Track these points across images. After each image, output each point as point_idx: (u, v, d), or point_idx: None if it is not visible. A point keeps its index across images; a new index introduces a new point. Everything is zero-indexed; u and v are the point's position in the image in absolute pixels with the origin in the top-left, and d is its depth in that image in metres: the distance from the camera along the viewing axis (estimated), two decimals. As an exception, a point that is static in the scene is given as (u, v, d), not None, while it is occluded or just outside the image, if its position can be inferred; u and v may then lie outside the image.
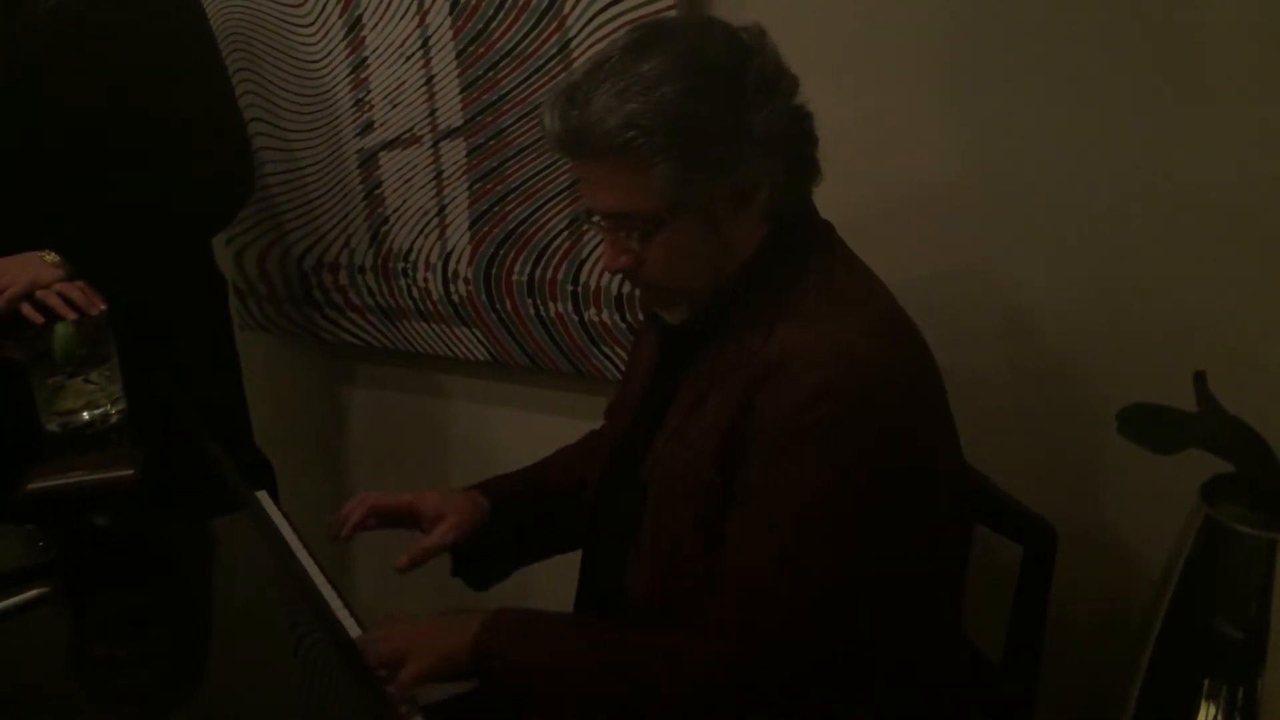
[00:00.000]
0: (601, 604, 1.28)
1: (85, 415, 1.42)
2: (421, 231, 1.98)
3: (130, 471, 1.29)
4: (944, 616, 1.19)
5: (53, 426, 1.41)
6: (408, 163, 1.96)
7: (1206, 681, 1.12)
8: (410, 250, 2.01)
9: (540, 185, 1.81)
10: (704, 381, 1.15)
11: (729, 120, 1.07)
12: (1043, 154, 1.39)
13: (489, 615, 1.15)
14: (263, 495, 1.44)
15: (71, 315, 1.53)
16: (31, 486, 1.27)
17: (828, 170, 1.15)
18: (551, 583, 1.45)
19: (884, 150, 1.50)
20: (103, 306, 1.57)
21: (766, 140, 1.08)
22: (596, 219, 1.14)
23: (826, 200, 1.18)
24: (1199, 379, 1.15)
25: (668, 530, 1.15)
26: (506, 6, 1.73)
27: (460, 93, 1.84)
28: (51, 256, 1.62)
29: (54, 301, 1.56)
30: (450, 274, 1.97)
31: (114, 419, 1.43)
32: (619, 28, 1.63)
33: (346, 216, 2.07)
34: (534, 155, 1.79)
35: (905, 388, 1.08)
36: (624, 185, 1.08)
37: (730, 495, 1.09)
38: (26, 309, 1.56)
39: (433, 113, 1.89)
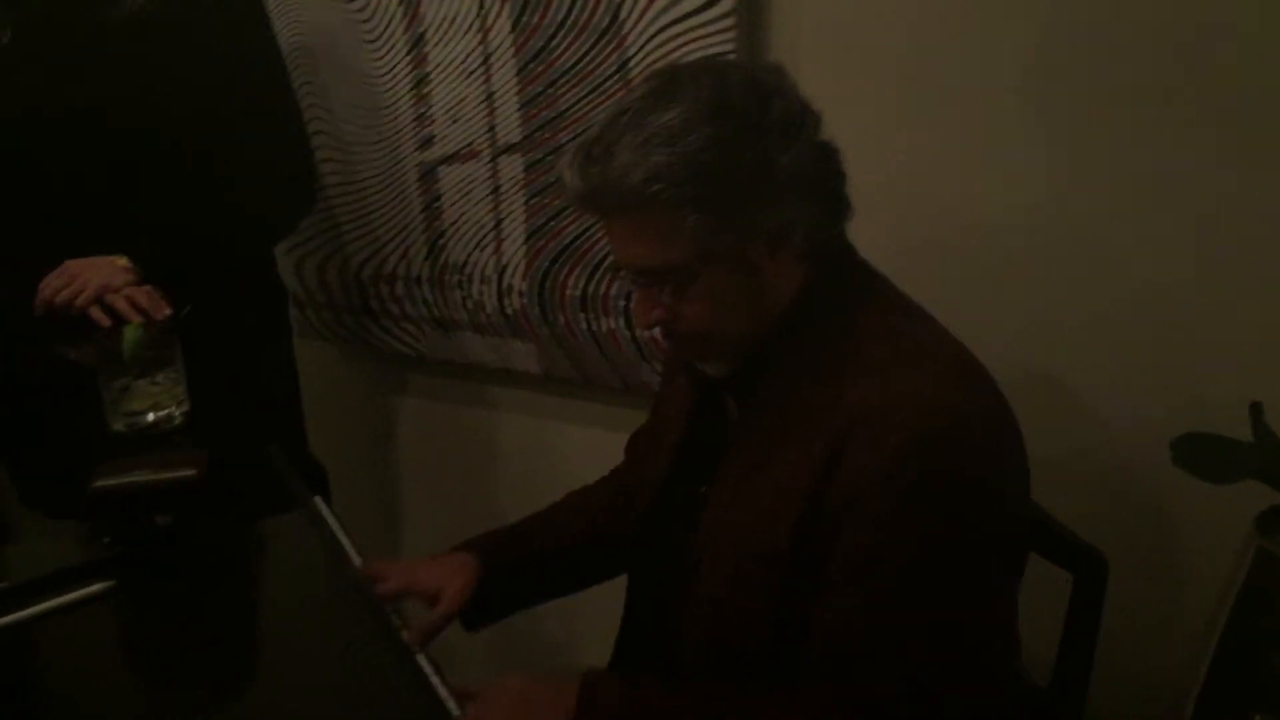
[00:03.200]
0: (648, 655, 1.26)
1: (150, 416, 1.45)
2: (478, 245, 2.01)
3: (193, 472, 1.32)
4: (1007, 655, 1.15)
5: (119, 427, 1.44)
6: (466, 177, 1.98)
7: (1258, 716, 1.11)
8: (466, 263, 2.04)
9: (596, 202, 1.82)
10: (764, 436, 1.11)
11: (756, 164, 1.03)
12: (1102, 180, 1.39)
13: (585, 687, 1.10)
14: (318, 500, 1.46)
15: (138, 319, 1.57)
16: (98, 484, 1.30)
17: (879, 202, 1.14)
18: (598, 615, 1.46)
19: (930, 182, 1.50)
20: (169, 311, 1.61)
21: (795, 180, 1.05)
22: (626, 273, 1.11)
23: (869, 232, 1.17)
24: (1255, 409, 1.14)
25: (730, 592, 1.11)
26: (567, 25, 1.76)
27: (519, 109, 1.87)
28: (123, 261, 1.66)
29: (122, 305, 1.59)
30: (505, 287, 1.99)
31: (178, 420, 1.46)
32: (679, 47, 1.65)
33: (405, 228, 2.10)
34: (591, 172, 1.81)
35: (986, 439, 1.05)
36: (653, 239, 1.05)
37: (805, 561, 1.05)
38: (95, 312, 1.60)
39: (492, 128, 1.91)
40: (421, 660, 1.16)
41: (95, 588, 1.12)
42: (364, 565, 1.30)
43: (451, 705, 1.08)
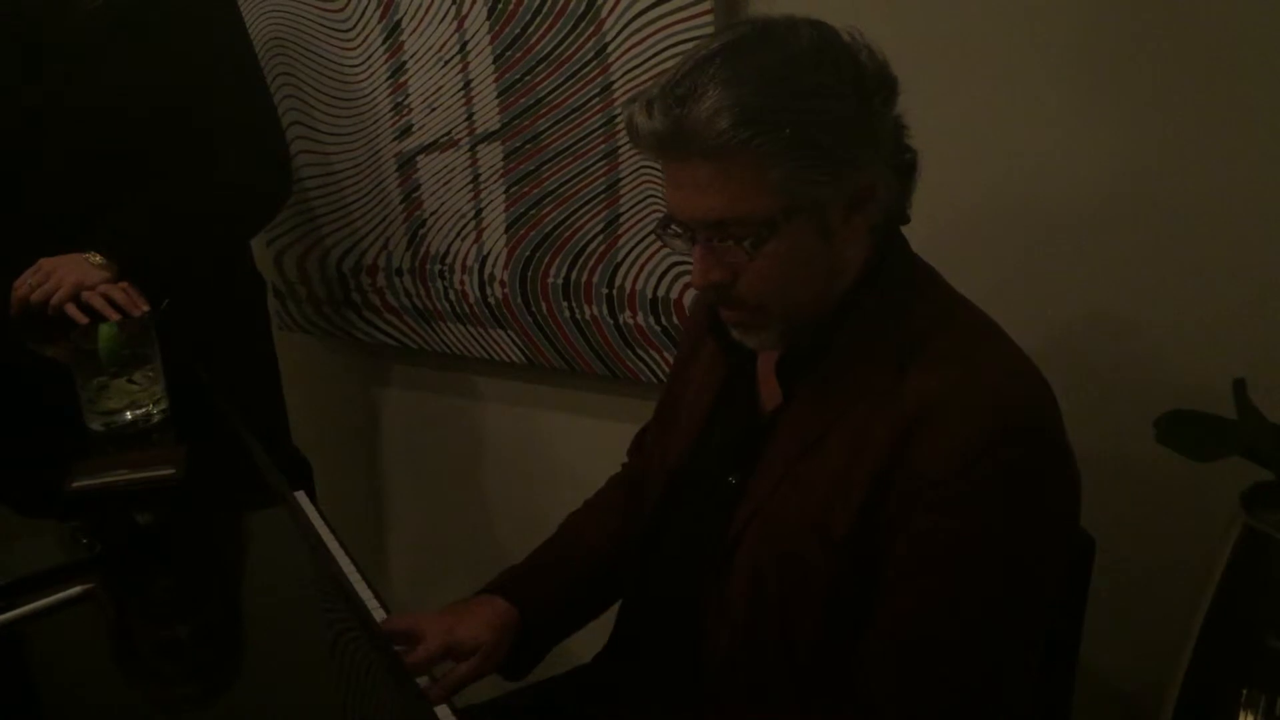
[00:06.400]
0: (647, 652, 1.23)
1: (128, 415, 1.43)
2: (458, 234, 2.00)
3: (172, 470, 1.31)
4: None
5: (96, 426, 1.43)
6: (445, 166, 1.97)
7: (1245, 691, 1.11)
8: (447, 253, 2.03)
9: (576, 189, 1.81)
10: (814, 422, 1.07)
11: (854, 118, 0.99)
12: (1090, 160, 1.38)
13: None
14: (300, 495, 1.45)
15: (115, 316, 1.56)
16: (75, 485, 1.29)
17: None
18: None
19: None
20: (145, 307, 1.60)
21: (882, 143, 1.02)
22: (682, 229, 1.04)
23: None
24: (1238, 386, 1.14)
25: (776, 584, 1.07)
26: (544, 11, 1.74)
27: (497, 96, 1.85)
28: (97, 258, 1.65)
29: (98, 303, 1.58)
30: (486, 276, 1.98)
31: (156, 419, 1.45)
32: (656, 32, 1.64)
33: (384, 219, 2.09)
34: (570, 159, 1.80)
35: (1057, 436, 1.03)
36: (735, 188, 0.98)
37: (866, 549, 1.02)
38: (71, 309, 1.59)
39: (470, 116, 1.90)
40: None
41: (74, 590, 1.11)
42: (388, 622, 1.24)
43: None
